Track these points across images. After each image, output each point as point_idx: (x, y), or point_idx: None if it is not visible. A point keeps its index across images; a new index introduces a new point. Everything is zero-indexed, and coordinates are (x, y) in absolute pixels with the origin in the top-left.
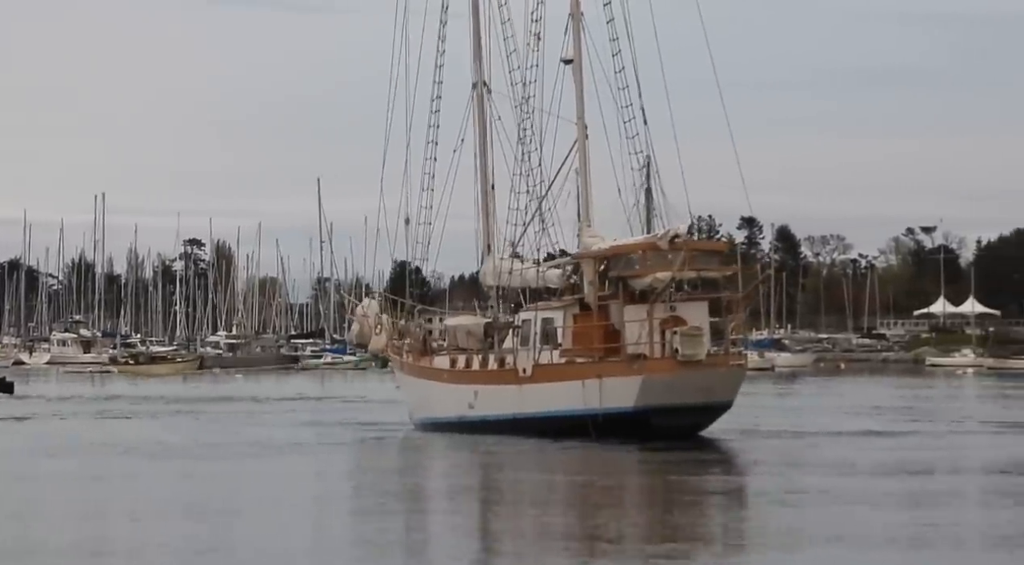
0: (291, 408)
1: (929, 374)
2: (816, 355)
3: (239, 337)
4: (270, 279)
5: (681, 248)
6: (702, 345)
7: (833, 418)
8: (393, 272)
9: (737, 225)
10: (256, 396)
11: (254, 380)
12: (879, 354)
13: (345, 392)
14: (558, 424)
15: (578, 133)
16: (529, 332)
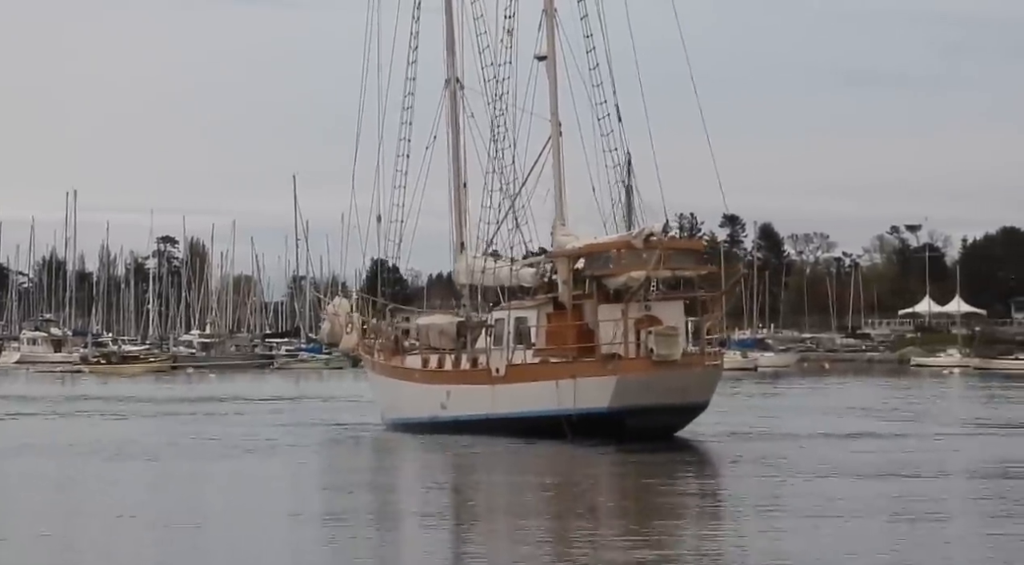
0: (263, 408)
1: (914, 374)
2: (800, 355)
3: (213, 336)
4: (245, 277)
5: (656, 247)
6: (677, 345)
7: (818, 419)
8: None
9: (719, 223)
10: (229, 396)
11: (228, 380)
12: (864, 354)
13: (320, 392)
14: (531, 425)
15: (552, 130)
16: (502, 331)
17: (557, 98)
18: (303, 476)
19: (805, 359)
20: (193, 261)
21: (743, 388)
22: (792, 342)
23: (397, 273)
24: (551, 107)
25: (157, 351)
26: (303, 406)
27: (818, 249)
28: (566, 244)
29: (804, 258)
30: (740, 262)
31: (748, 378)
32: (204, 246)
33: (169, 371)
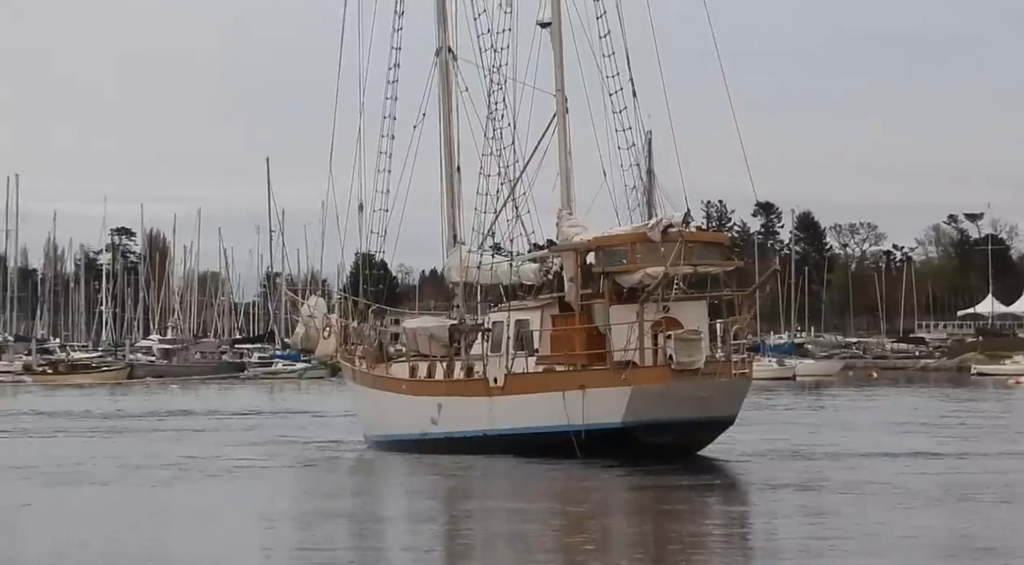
0: (232, 424)
1: (976, 384)
2: (844, 362)
3: (175, 342)
4: (211, 274)
5: (676, 240)
6: (700, 351)
7: (866, 436)
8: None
9: (752, 212)
10: (193, 410)
11: (193, 392)
12: (917, 361)
13: (298, 405)
14: (535, 442)
15: (557, 107)
16: (501, 336)
17: (563, 70)
18: (272, 504)
19: (850, 367)
20: (152, 256)
21: (779, 400)
22: (835, 348)
23: (384, 269)
24: (556, 80)
25: (111, 359)
26: (277, 422)
27: (864, 241)
28: (573, 236)
29: (849, 251)
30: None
31: (785, 388)
32: (165, 239)
33: (125, 382)
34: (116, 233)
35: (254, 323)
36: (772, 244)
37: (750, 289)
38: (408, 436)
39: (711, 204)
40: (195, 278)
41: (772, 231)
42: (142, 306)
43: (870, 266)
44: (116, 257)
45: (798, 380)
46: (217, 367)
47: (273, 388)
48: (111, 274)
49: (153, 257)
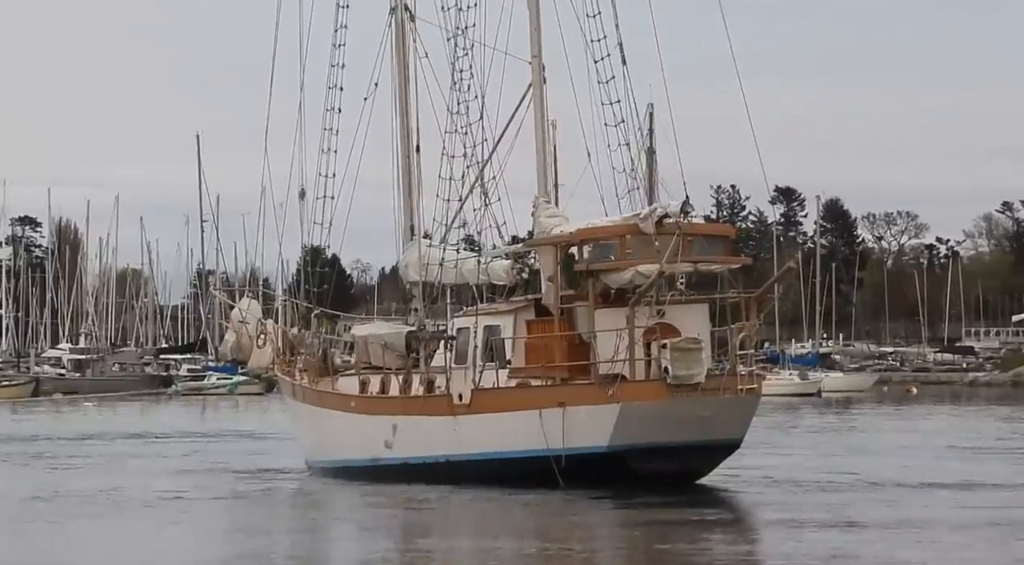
0: (153, 449)
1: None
2: (878, 375)
3: (89, 352)
4: (132, 272)
5: (673, 232)
6: (700, 363)
7: (906, 461)
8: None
9: (770, 199)
10: (110, 432)
11: (109, 410)
12: (965, 374)
13: (233, 425)
14: (507, 469)
15: (533, 76)
16: (467, 345)
17: (540, 33)
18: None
19: (885, 381)
20: (61, 250)
21: (802, 419)
22: (868, 358)
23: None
24: (532, 45)
25: (13, 372)
26: (206, 446)
27: (903, 233)
28: (552, 228)
29: (884, 245)
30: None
31: (809, 406)
32: (76, 229)
33: (29, 399)
34: (18, 223)
35: (183, 330)
36: (794, 236)
37: (760, 290)
38: (357, 462)
39: (722, 190)
40: (112, 276)
41: (794, 221)
42: (49, 309)
43: (909, 262)
44: (18, 251)
45: (824, 396)
46: (139, 381)
47: (205, 406)
48: (12, 271)
49: (62, 251)
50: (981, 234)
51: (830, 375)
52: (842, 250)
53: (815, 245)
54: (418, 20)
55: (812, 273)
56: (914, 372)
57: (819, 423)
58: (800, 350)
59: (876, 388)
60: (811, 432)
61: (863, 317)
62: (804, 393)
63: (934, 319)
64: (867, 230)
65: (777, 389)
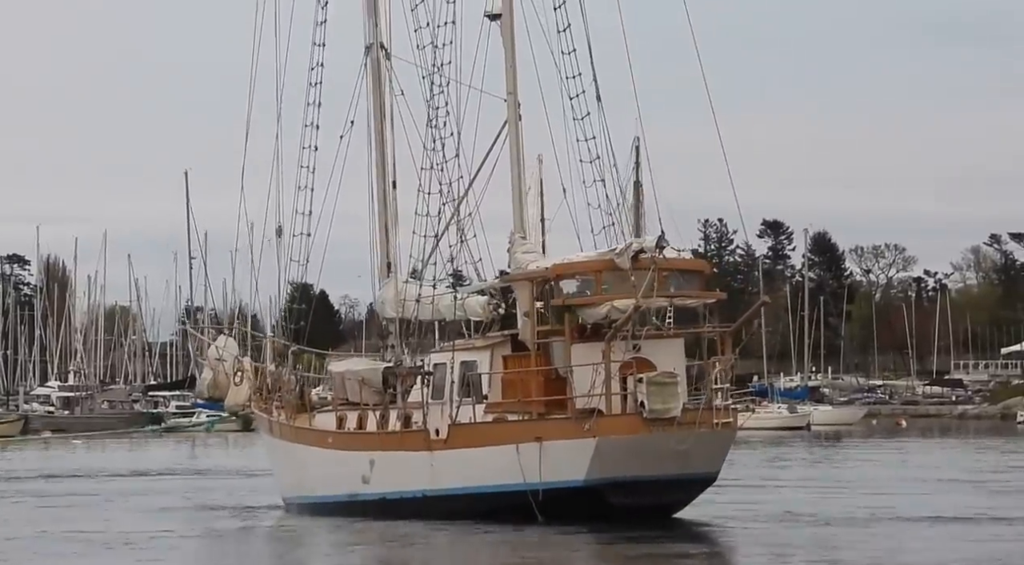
0: (135, 486)
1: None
2: (867, 408)
3: (78, 389)
4: (120, 309)
5: (648, 267)
6: (676, 397)
7: (899, 495)
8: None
9: (758, 231)
10: (97, 470)
11: (99, 448)
12: (954, 407)
13: (220, 462)
14: (484, 504)
15: (509, 113)
16: (444, 380)
17: (516, 70)
18: None
19: (874, 414)
20: (50, 287)
21: (790, 453)
22: (857, 391)
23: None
24: (507, 82)
25: (1, 410)
26: (189, 483)
27: (891, 266)
28: (528, 264)
29: (872, 278)
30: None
31: (798, 440)
32: (64, 267)
33: (17, 437)
34: (6, 261)
35: (172, 366)
36: (782, 270)
37: (736, 324)
38: (334, 498)
39: (709, 223)
40: (101, 313)
41: (782, 254)
42: (38, 347)
43: (897, 295)
44: (6, 289)
45: (813, 430)
46: (128, 419)
47: (194, 443)
48: (0, 309)
49: (51, 289)
50: (969, 267)
51: (819, 408)
52: (830, 283)
53: (803, 278)
54: (394, 58)
55: (800, 306)
56: (903, 405)
57: (808, 456)
58: (789, 383)
59: (865, 421)
60: (798, 464)
61: (852, 350)
62: (793, 427)
63: (923, 352)
64: (855, 263)
65: (766, 423)
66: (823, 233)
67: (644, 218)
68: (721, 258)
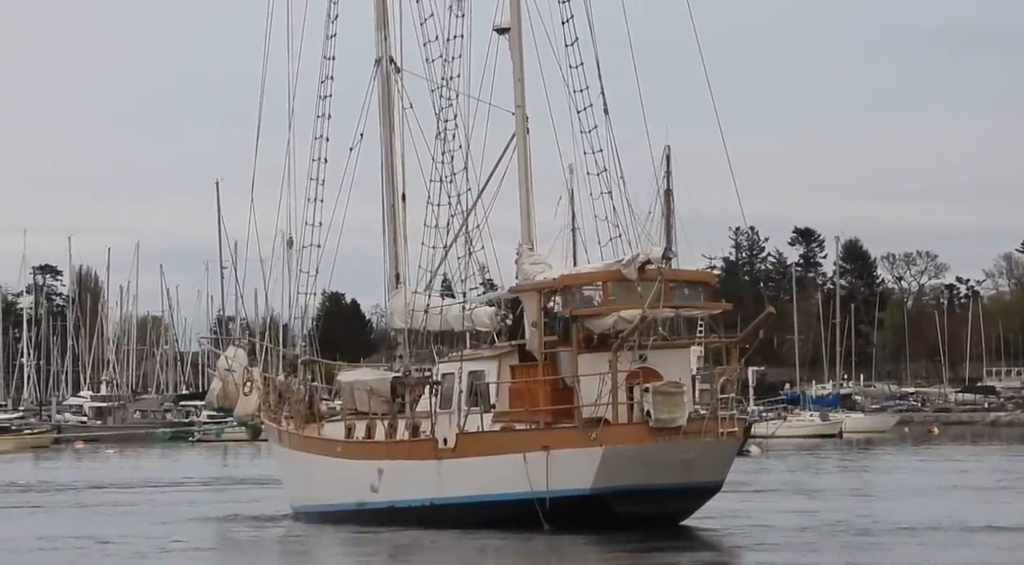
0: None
1: None
2: (899, 416)
3: (110, 399)
4: (152, 319)
5: (655, 278)
6: (682, 407)
7: (936, 502)
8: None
9: (789, 239)
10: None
11: (132, 457)
12: (986, 414)
13: (250, 472)
14: (491, 512)
15: (517, 126)
16: (452, 390)
17: (524, 83)
18: None
19: (907, 421)
20: (82, 298)
21: (822, 461)
22: (888, 399)
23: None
24: (515, 95)
25: (35, 420)
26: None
27: (923, 273)
28: (535, 275)
29: (904, 286)
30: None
31: (829, 447)
32: (96, 277)
33: (51, 446)
34: (39, 271)
35: (203, 376)
36: (813, 277)
37: (741, 335)
38: (343, 506)
39: (740, 231)
40: (133, 324)
41: (813, 262)
42: (70, 357)
43: (929, 303)
44: (39, 300)
45: (845, 438)
46: (160, 427)
47: (227, 452)
48: (33, 320)
49: (83, 299)
50: (1001, 273)
51: (851, 416)
52: (862, 291)
53: (835, 286)
54: (403, 71)
55: (832, 314)
56: (935, 412)
57: (840, 464)
58: (821, 391)
59: (897, 429)
60: (830, 472)
61: (884, 358)
62: (825, 434)
63: (955, 359)
64: (887, 270)
65: (798, 430)
66: (854, 240)
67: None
68: (753, 266)
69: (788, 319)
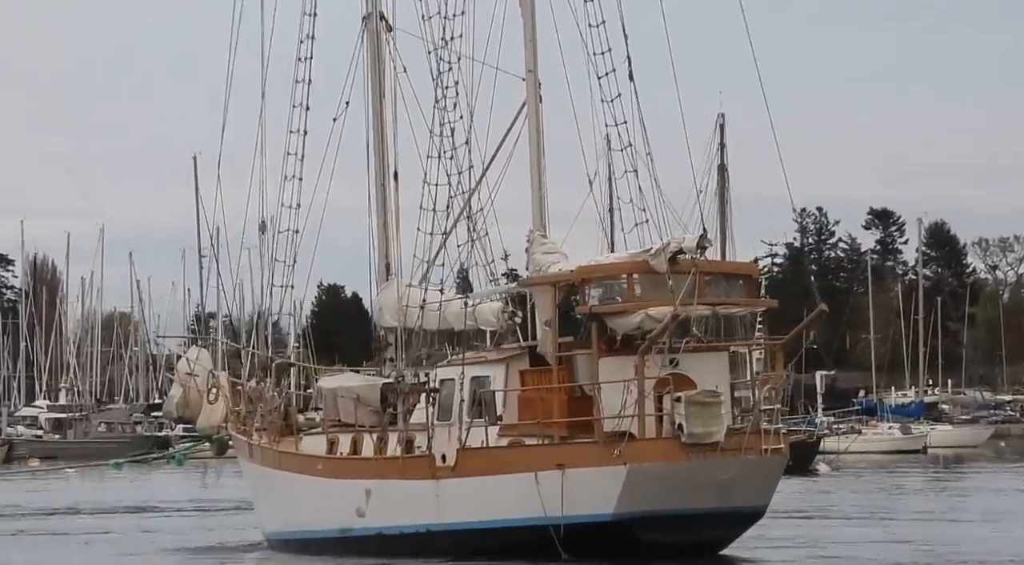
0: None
1: None
2: (994, 428)
3: (71, 409)
4: (120, 316)
5: (688, 270)
6: (719, 419)
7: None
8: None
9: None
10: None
11: (96, 479)
12: None
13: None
14: (497, 540)
15: (528, 94)
16: (452, 398)
17: (536, 45)
18: None
19: (1002, 435)
20: (37, 291)
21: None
22: (981, 408)
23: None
24: (526, 59)
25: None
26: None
27: (1021, 262)
28: (549, 266)
29: (999, 276)
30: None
31: (912, 464)
32: (55, 267)
33: (1, 465)
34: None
35: None
36: (892, 267)
37: (788, 336)
38: (325, 533)
39: (807, 213)
40: (97, 321)
41: (892, 249)
42: (23, 361)
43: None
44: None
45: (930, 453)
46: (129, 443)
47: (207, 472)
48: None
49: (38, 293)
50: None
51: (937, 428)
52: (950, 282)
53: (917, 276)
54: (396, 31)
55: (914, 309)
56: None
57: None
58: (902, 399)
59: (991, 443)
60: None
61: (975, 360)
62: (907, 450)
63: None
64: (979, 258)
65: (875, 445)
66: (940, 223)
67: (730, 205)
68: (821, 253)
69: (863, 315)
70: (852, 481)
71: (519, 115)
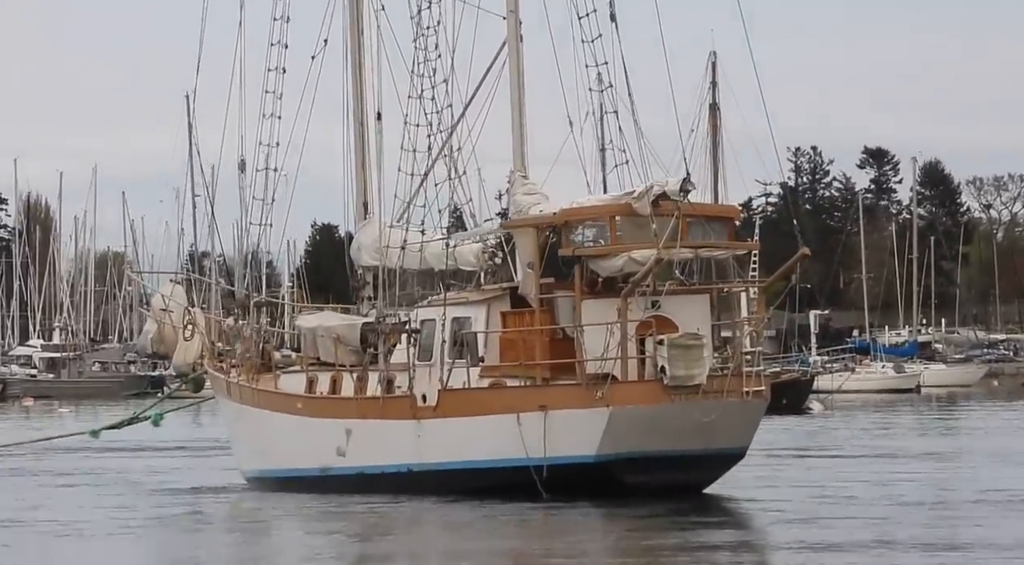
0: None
1: None
2: (987, 367)
3: (65, 349)
4: (114, 255)
5: (671, 213)
6: (701, 362)
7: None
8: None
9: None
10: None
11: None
12: None
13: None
14: (478, 481)
15: (509, 34)
16: (432, 339)
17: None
18: None
19: (995, 373)
20: (31, 231)
21: (897, 418)
22: (975, 347)
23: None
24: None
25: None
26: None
27: (1015, 200)
28: (530, 207)
29: (993, 215)
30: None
31: (905, 403)
32: (48, 207)
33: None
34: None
35: None
36: (887, 206)
37: (770, 279)
38: (304, 472)
39: (800, 152)
40: (91, 261)
41: (886, 188)
42: (17, 300)
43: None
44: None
45: (923, 392)
46: (123, 383)
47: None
48: None
49: (32, 232)
50: None
51: (930, 367)
52: (944, 221)
53: (911, 215)
54: None
55: (908, 248)
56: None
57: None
58: (895, 339)
59: (985, 382)
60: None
61: (969, 299)
62: (900, 389)
63: None
64: (973, 197)
65: (869, 384)
66: (935, 162)
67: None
68: (815, 192)
69: (856, 254)
70: (844, 420)
71: (499, 54)
